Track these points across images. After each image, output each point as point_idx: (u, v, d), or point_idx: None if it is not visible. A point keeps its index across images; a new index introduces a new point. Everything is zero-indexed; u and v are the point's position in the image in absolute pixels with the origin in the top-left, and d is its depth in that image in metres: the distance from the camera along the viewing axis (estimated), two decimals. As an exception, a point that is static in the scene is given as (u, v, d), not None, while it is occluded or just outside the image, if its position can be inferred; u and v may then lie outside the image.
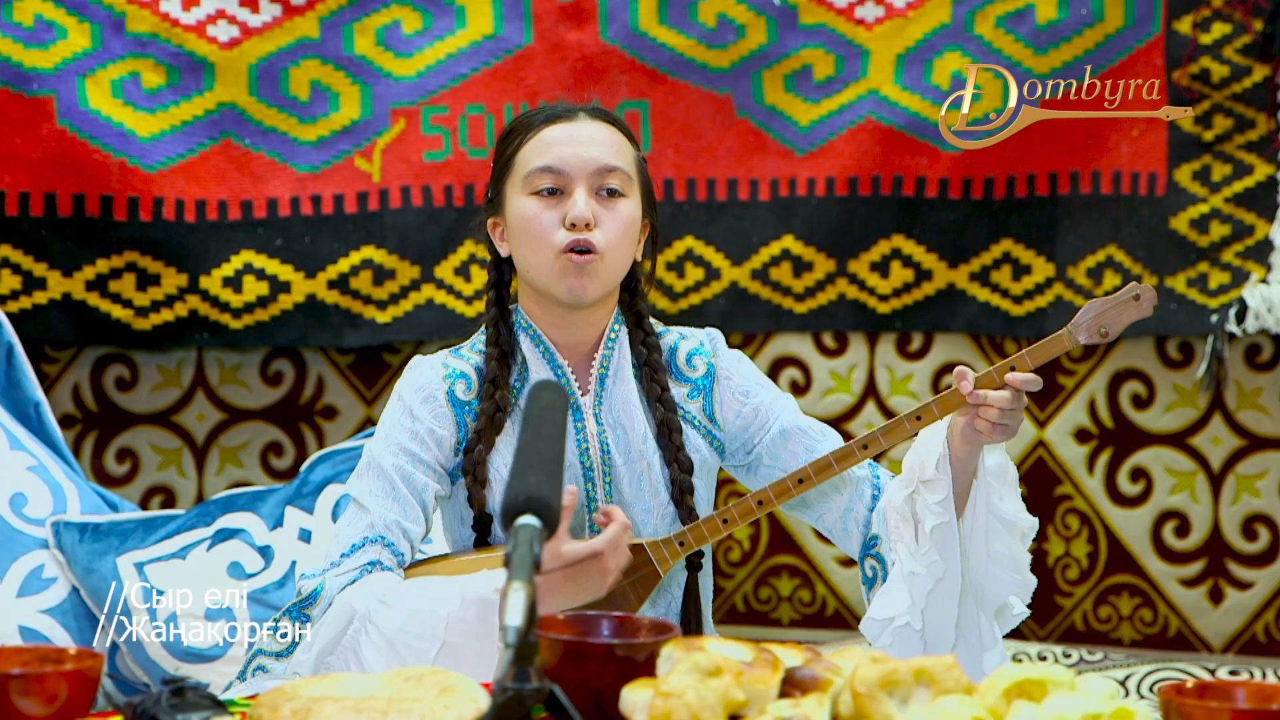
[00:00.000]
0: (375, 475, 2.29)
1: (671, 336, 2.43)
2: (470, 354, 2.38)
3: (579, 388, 2.34)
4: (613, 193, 2.30)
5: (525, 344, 2.35)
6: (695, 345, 2.42)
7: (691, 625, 2.35)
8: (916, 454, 2.28)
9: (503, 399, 2.32)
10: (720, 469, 2.44)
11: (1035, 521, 2.29)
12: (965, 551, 2.27)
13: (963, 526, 2.27)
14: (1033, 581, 2.31)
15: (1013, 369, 2.21)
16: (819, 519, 2.42)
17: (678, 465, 2.33)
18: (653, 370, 2.36)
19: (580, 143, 2.31)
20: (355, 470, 2.33)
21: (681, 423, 2.36)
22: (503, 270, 2.40)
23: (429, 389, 2.33)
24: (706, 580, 2.43)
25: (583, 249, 2.27)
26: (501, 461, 2.31)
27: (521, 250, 2.32)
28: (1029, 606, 2.34)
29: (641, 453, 2.33)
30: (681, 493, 2.33)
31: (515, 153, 2.33)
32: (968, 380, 2.20)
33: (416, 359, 2.37)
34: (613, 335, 2.36)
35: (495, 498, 2.30)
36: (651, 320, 2.41)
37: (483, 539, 2.32)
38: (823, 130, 3.50)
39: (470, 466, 2.30)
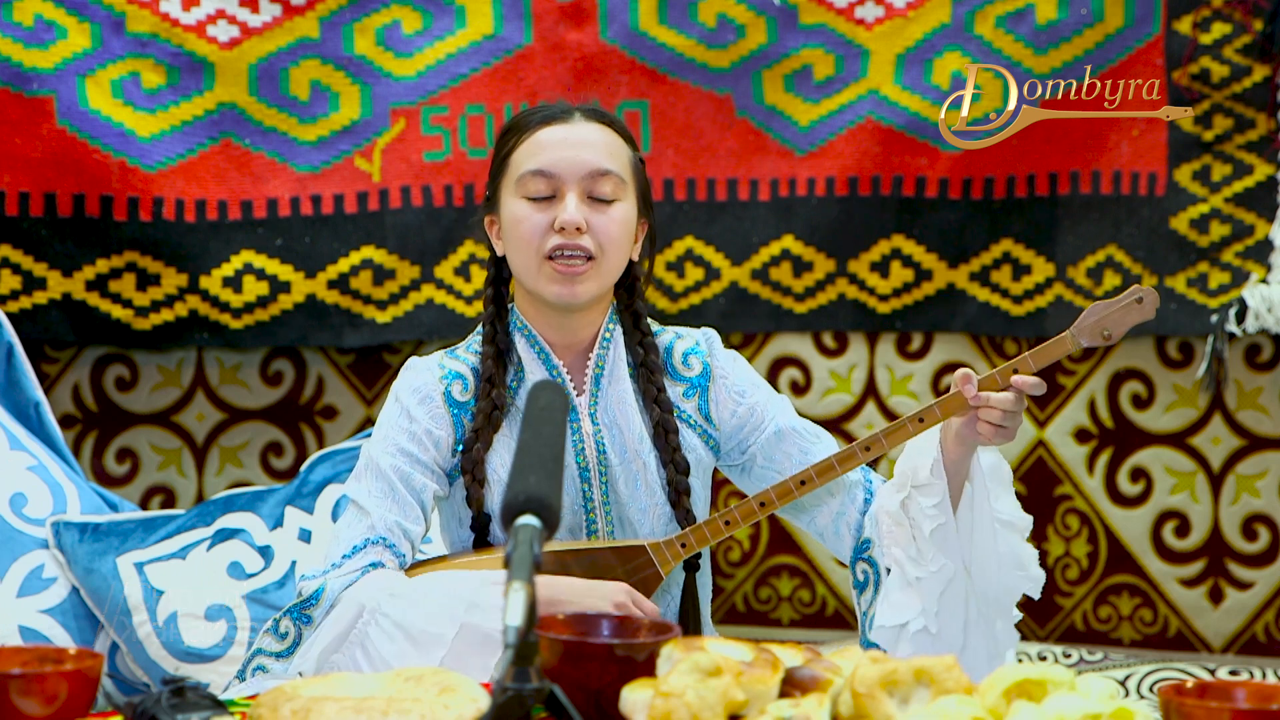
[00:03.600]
0: (374, 477, 2.29)
1: (667, 336, 2.42)
2: (466, 354, 2.37)
3: (574, 388, 2.33)
4: (605, 200, 2.29)
5: (521, 344, 2.34)
6: (691, 345, 2.42)
7: (690, 625, 2.35)
8: (909, 459, 2.28)
9: (499, 398, 2.32)
10: (715, 469, 2.44)
11: (1030, 520, 2.29)
12: (969, 555, 2.27)
13: (959, 529, 2.26)
14: (1041, 576, 2.29)
15: (1015, 371, 2.21)
16: (811, 522, 2.41)
17: (674, 467, 2.32)
18: (650, 371, 2.36)
19: (573, 145, 2.30)
20: (353, 472, 2.33)
21: (678, 424, 2.36)
22: (501, 268, 2.39)
23: (425, 390, 2.32)
24: (705, 580, 2.43)
25: (571, 255, 2.27)
26: (499, 461, 2.31)
27: (511, 252, 2.32)
28: (1030, 605, 2.34)
29: (638, 452, 2.32)
30: (678, 494, 2.32)
31: (510, 153, 2.33)
32: (972, 383, 2.19)
33: (412, 360, 2.37)
34: (607, 335, 2.35)
35: (493, 497, 2.30)
36: (648, 320, 2.41)
37: (481, 539, 2.32)
38: (823, 130, 3.50)
39: (469, 466, 2.30)
